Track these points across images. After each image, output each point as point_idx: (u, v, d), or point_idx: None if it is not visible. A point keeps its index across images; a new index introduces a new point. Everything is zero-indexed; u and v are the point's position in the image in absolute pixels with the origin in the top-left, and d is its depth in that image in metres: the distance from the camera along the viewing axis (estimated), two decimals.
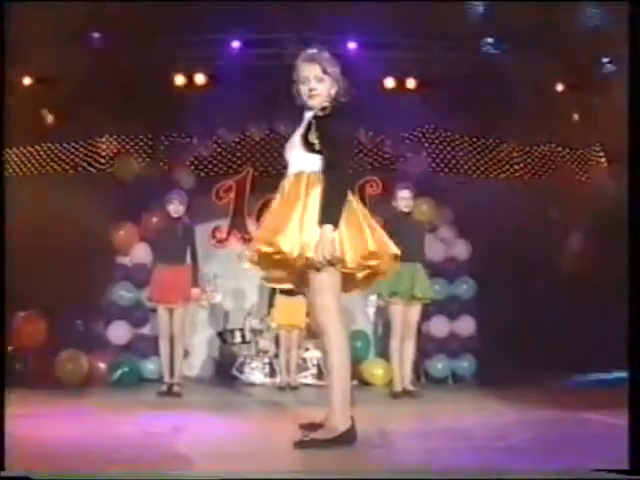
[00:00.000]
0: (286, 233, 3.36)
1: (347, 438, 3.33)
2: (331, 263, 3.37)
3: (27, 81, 8.15)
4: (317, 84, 3.57)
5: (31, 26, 6.76)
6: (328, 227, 3.33)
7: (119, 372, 7.80)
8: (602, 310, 7.39)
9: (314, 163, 3.50)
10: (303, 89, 3.60)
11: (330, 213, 3.37)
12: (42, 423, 4.57)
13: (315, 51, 3.64)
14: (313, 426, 3.57)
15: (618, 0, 4.38)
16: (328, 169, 3.46)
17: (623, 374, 3.01)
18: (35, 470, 2.76)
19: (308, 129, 3.55)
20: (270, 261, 3.51)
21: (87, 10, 7.04)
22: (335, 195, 3.41)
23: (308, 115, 3.63)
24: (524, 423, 4.43)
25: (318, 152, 3.50)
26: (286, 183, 3.57)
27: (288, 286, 4.00)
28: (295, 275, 3.61)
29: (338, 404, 3.38)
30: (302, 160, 3.53)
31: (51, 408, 5.57)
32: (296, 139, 3.60)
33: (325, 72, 3.57)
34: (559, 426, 4.26)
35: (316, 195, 3.43)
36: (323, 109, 3.58)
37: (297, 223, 3.37)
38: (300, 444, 3.29)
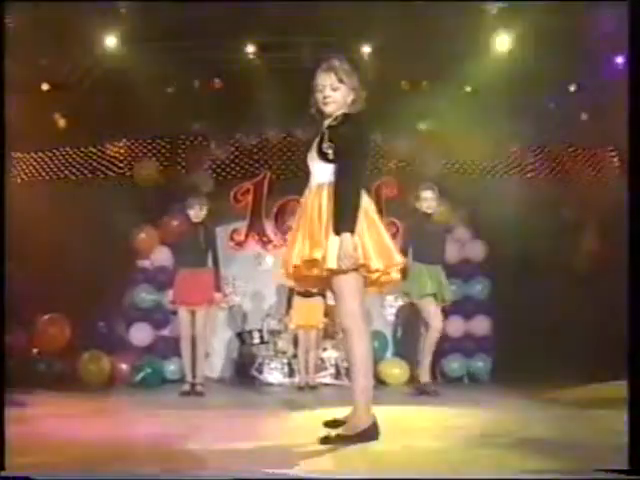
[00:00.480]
0: (314, 246, 3.47)
1: (370, 434, 3.44)
2: (354, 269, 3.46)
3: (45, 87, 8.27)
4: (331, 92, 3.63)
5: (47, 31, 6.90)
6: (347, 235, 3.39)
7: (142, 374, 7.86)
8: (616, 310, 7.40)
9: (332, 173, 3.55)
10: (319, 97, 3.66)
11: (344, 221, 3.42)
12: (65, 423, 4.62)
13: (334, 60, 3.69)
14: (336, 423, 3.67)
15: (618, 0, 4.39)
16: (338, 177, 3.50)
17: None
18: (36, 470, 2.78)
19: (322, 139, 3.61)
20: (302, 272, 3.62)
21: (103, 14, 7.15)
22: (347, 203, 3.45)
23: (325, 124, 3.69)
24: (539, 421, 4.49)
25: (333, 162, 3.55)
26: (308, 194, 3.64)
27: (314, 289, 4.11)
28: (320, 280, 3.68)
29: (361, 402, 3.49)
30: (321, 171, 3.59)
31: (74, 409, 5.63)
32: (314, 150, 3.66)
33: (341, 81, 3.62)
34: (565, 424, 4.32)
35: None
36: (336, 118, 3.64)
37: (321, 234, 3.46)
38: (325, 440, 3.39)
